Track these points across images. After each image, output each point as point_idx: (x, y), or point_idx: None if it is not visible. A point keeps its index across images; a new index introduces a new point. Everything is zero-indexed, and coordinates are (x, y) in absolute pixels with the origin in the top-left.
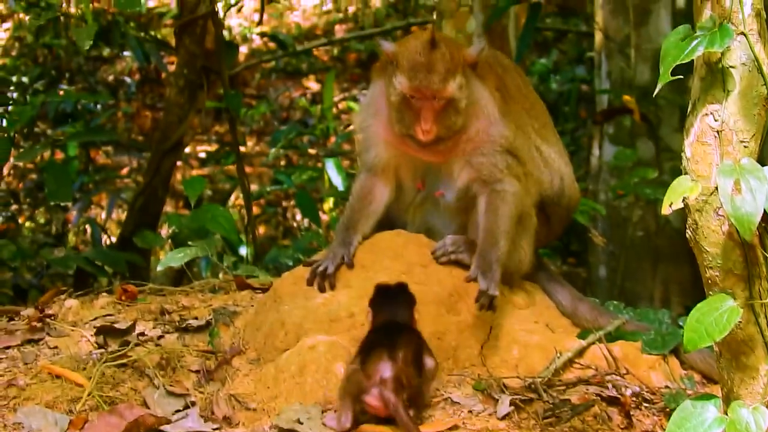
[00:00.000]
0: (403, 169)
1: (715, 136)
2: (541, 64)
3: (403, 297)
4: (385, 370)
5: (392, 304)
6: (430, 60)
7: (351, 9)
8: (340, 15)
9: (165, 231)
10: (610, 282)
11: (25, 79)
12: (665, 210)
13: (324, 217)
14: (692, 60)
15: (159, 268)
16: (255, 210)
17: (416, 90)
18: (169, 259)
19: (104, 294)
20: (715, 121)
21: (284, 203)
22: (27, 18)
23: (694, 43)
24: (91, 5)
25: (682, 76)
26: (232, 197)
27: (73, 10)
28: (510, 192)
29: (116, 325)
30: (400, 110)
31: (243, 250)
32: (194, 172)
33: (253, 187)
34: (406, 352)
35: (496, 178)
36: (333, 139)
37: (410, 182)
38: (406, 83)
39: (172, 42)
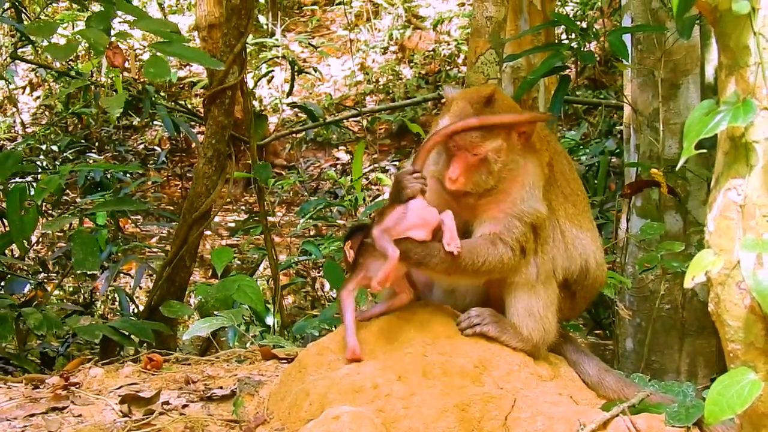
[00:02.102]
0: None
1: (738, 211)
2: (570, 137)
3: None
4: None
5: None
6: (477, 114)
7: (382, 80)
8: (371, 86)
9: (192, 300)
10: (637, 354)
11: (54, 148)
12: (688, 283)
13: None
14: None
15: (185, 338)
16: (283, 280)
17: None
18: (195, 328)
19: (130, 363)
20: (738, 195)
21: (312, 273)
22: (57, 87)
23: (718, 117)
24: (121, 75)
25: (705, 150)
26: (261, 267)
27: (103, 79)
28: (504, 256)
29: (141, 394)
30: (439, 152)
31: (270, 320)
32: (223, 242)
33: (282, 257)
34: None
35: (504, 238)
36: (362, 210)
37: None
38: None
39: (202, 112)
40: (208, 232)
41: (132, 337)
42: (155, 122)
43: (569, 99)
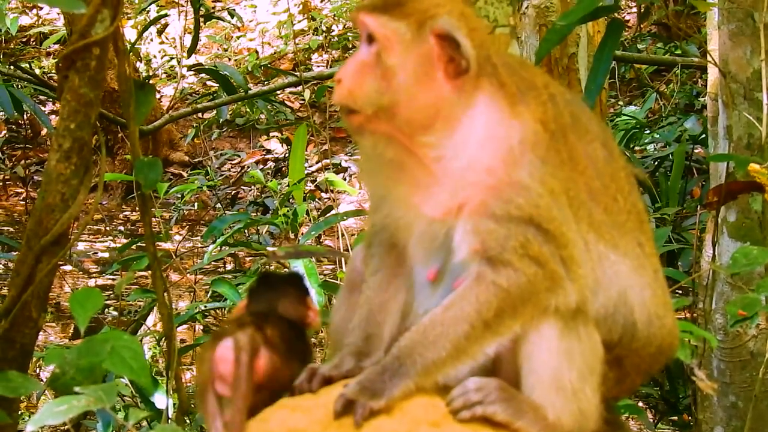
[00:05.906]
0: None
1: None
2: (629, 114)
3: (289, 285)
4: (242, 335)
5: (274, 291)
6: None
7: (336, 28)
8: (320, 38)
9: (43, 372)
10: None
11: None
12: None
13: None
14: None
15: (30, 429)
16: (186, 338)
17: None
18: (46, 414)
19: None
20: None
21: None
22: None
23: None
24: None
25: None
26: (149, 320)
27: None
28: (502, 283)
29: None
30: None
31: (162, 401)
32: (90, 282)
33: (181, 305)
34: (276, 332)
35: (501, 257)
36: (304, 230)
37: (419, 264)
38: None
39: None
40: (66, 267)
41: None
42: None
43: (625, 57)
